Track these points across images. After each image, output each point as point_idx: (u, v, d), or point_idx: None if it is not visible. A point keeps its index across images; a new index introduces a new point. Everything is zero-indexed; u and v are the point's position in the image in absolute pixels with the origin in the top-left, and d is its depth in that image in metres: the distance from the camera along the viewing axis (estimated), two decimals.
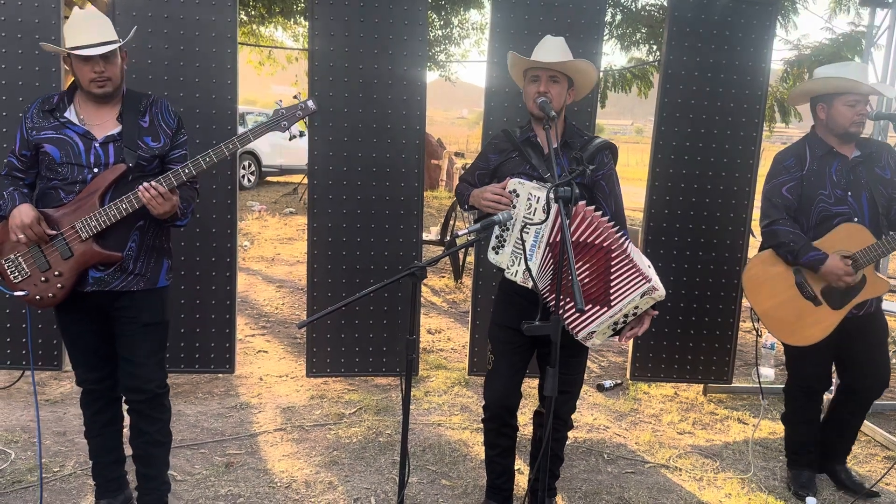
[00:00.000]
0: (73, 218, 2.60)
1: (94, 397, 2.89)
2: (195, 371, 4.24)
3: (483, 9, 12.10)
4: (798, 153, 3.28)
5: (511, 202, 2.67)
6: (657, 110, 4.36)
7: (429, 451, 3.74)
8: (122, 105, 2.71)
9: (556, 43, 2.86)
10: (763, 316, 3.31)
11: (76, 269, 2.63)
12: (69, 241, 2.61)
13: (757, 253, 3.40)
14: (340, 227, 4.18)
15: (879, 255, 3.10)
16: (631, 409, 4.47)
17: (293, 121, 2.73)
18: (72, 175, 2.61)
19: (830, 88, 3.22)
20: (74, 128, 2.64)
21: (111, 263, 2.66)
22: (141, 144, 2.68)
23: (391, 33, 4.07)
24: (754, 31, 4.28)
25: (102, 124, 2.67)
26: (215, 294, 4.13)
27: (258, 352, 5.25)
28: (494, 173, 2.93)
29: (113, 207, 2.58)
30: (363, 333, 4.29)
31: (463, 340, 5.69)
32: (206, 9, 3.88)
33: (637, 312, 2.59)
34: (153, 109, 2.75)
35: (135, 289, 2.73)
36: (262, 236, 9.84)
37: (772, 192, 3.28)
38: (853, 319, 3.21)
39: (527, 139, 2.88)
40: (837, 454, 3.59)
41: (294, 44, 13.38)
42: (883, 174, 3.21)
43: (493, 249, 2.77)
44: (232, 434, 3.86)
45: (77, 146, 2.62)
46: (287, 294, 6.95)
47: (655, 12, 9.92)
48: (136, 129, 2.68)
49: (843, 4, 8.94)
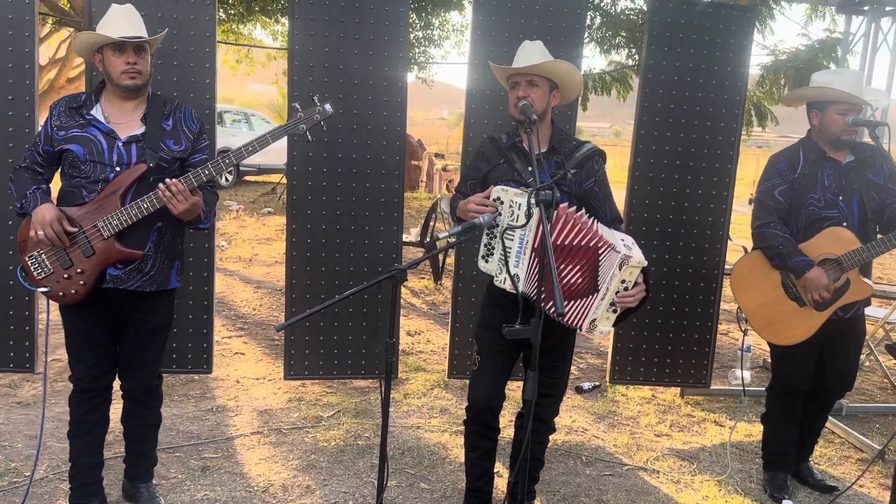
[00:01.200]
0: (95, 216, 2.66)
1: (87, 396, 2.90)
2: (172, 371, 4.18)
3: (463, 10, 12.11)
4: (791, 157, 3.33)
5: (496, 210, 2.68)
6: (637, 114, 4.38)
7: (407, 454, 3.73)
8: (147, 106, 2.79)
9: (533, 47, 2.87)
10: (749, 315, 3.37)
11: (98, 266, 2.69)
12: (91, 240, 2.67)
13: (747, 253, 3.45)
14: (320, 229, 4.15)
15: (864, 259, 3.15)
16: (609, 411, 4.49)
17: (311, 124, 2.76)
18: (94, 173, 2.68)
19: (823, 96, 3.27)
20: (100, 125, 2.71)
21: (131, 262, 2.72)
22: (163, 146, 2.75)
23: (372, 34, 4.05)
24: (733, 37, 4.32)
25: (127, 124, 2.76)
26: (193, 294, 4.07)
27: (235, 353, 5.20)
28: (485, 181, 2.94)
29: (134, 206, 2.64)
30: (342, 336, 4.26)
31: (442, 342, 5.68)
32: (185, 7, 3.83)
33: (628, 286, 2.61)
34: (177, 114, 2.85)
35: (148, 290, 2.80)
36: (239, 236, 9.76)
37: (764, 195, 3.32)
38: (838, 322, 3.27)
39: (513, 144, 2.89)
40: (801, 453, 3.67)
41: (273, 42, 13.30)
42: (876, 179, 3.25)
43: (482, 258, 2.80)
44: (208, 437, 3.81)
45: (101, 144, 2.69)
46: (265, 295, 6.89)
47: (635, 16, 9.99)
48: (159, 132, 2.76)
49: (819, 11, 9.08)
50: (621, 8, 9.95)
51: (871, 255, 3.15)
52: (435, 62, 12.92)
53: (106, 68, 2.72)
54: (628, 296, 2.62)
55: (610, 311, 2.64)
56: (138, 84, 2.72)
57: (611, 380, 4.61)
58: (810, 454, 3.72)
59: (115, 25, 2.69)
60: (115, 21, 2.71)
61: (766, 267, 3.34)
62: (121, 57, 2.67)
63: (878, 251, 3.14)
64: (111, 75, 2.71)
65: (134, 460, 3.12)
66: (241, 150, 2.72)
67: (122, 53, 2.67)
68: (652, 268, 4.41)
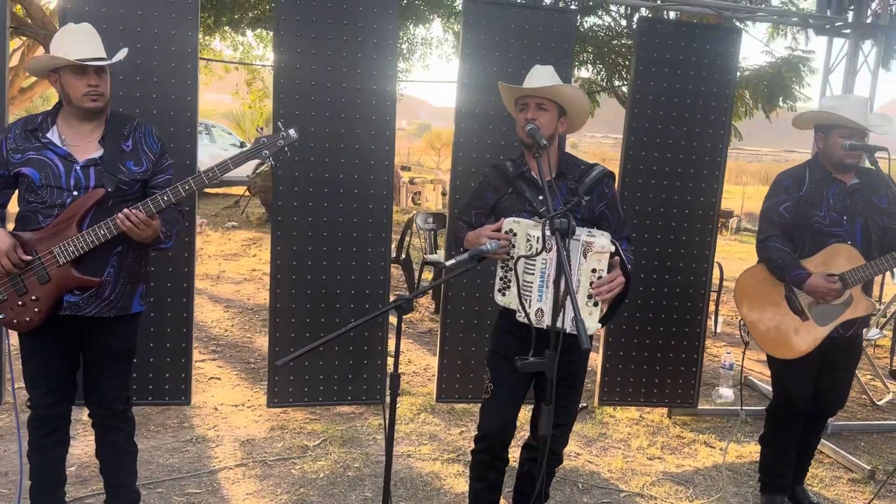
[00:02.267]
0: (51, 243, 2.58)
1: (44, 422, 2.81)
2: (148, 403, 3.99)
3: (429, 25, 12.10)
4: (797, 175, 3.35)
5: (510, 242, 2.60)
6: (625, 133, 4.36)
7: (400, 485, 3.61)
8: (105, 127, 2.69)
9: (544, 71, 2.81)
10: (752, 327, 3.39)
11: (53, 294, 2.60)
12: (47, 266, 2.59)
13: (752, 266, 3.46)
14: (306, 250, 4.01)
15: (867, 276, 3.18)
16: (599, 433, 4.43)
17: (274, 149, 2.68)
18: (51, 198, 2.59)
19: (826, 121, 3.30)
20: (56, 149, 2.62)
21: (88, 288, 2.62)
22: (122, 169, 2.66)
23: (360, 51, 3.94)
24: (719, 57, 4.33)
25: (85, 146, 2.65)
26: (171, 321, 3.89)
27: (210, 378, 5.01)
28: (492, 211, 2.86)
29: (91, 233, 2.55)
30: (327, 361, 4.12)
31: (424, 363, 5.57)
32: (166, 23, 3.68)
33: (601, 275, 2.54)
34: (137, 134, 2.74)
35: (108, 315, 2.70)
36: (204, 252, 9.51)
37: (769, 210, 3.36)
38: (838, 339, 3.28)
39: (521, 174, 2.81)
40: (797, 475, 3.65)
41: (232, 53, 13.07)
42: (879, 203, 3.29)
43: (499, 291, 2.73)
44: (190, 471, 3.63)
45: (57, 168, 2.60)
46: (236, 315, 6.69)
47: (602, 33, 10.09)
48: (118, 153, 2.66)
49: (781, 30, 9.28)
50: (589, 24, 10.03)
51: (875, 272, 3.18)
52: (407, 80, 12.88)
53: (65, 90, 2.61)
54: (603, 284, 2.54)
55: (591, 306, 2.56)
56: (100, 106, 2.63)
57: (600, 401, 4.56)
58: (805, 476, 3.72)
59: (75, 46, 2.57)
60: (74, 41, 2.59)
61: (769, 280, 3.36)
62: (82, 79, 2.58)
63: (882, 268, 3.19)
64: (71, 98, 2.60)
65: (114, 496, 2.97)
66: (200, 177, 2.64)
67: (84, 76, 2.58)
68: (640, 287, 4.41)
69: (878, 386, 5.70)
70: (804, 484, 3.71)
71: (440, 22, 11.04)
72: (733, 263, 9.76)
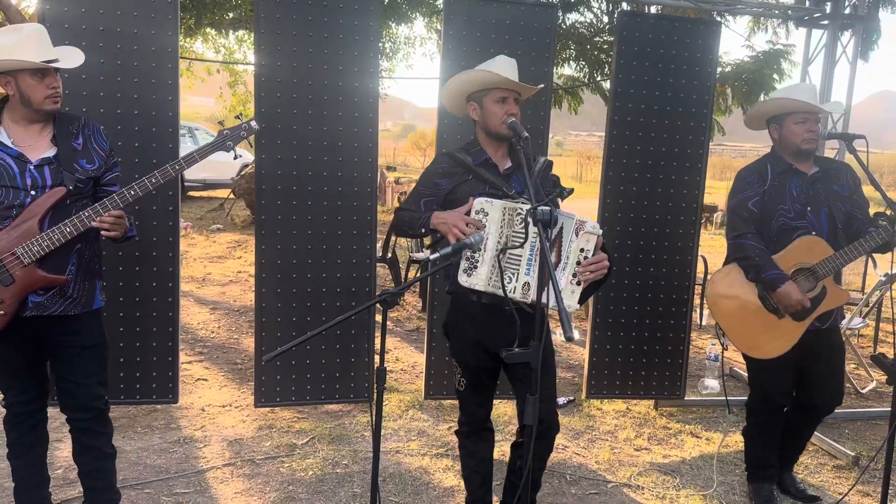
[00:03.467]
0: (13, 243, 2.54)
1: (21, 419, 2.82)
2: (136, 402, 3.97)
3: (412, 24, 12.07)
4: (759, 170, 3.35)
5: (481, 223, 2.60)
6: (608, 128, 4.39)
7: (389, 480, 3.61)
8: (54, 126, 2.67)
9: (512, 63, 2.83)
10: (727, 329, 3.34)
11: (18, 294, 2.57)
12: (9, 268, 2.55)
13: (722, 265, 3.44)
14: (290, 249, 4.00)
15: (838, 265, 3.18)
16: (586, 426, 4.45)
17: (238, 140, 2.76)
18: (7, 199, 2.56)
19: (777, 109, 3.31)
20: (7, 150, 2.59)
21: (52, 287, 2.61)
22: (77, 167, 2.65)
23: (341, 48, 3.94)
24: (699, 51, 4.36)
25: (35, 146, 2.64)
26: (156, 320, 3.88)
27: (197, 380, 4.99)
28: (447, 198, 2.83)
29: (56, 231, 2.54)
30: (314, 359, 4.12)
31: (411, 360, 5.58)
32: (146, 22, 3.66)
33: (587, 255, 2.57)
34: (85, 131, 2.74)
35: (73, 312, 2.71)
36: (189, 255, 9.47)
37: (739, 207, 3.33)
38: (815, 333, 3.27)
39: (483, 161, 2.82)
40: (785, 463, 3.67)
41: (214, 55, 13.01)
42: (841, 191, 3.30)
43: (464, 272, 2.66)
44: (178, 471, 3.62)
45: (11, 169, 2.58)
46: (222, 316, 6.67)
47: (584, 30, 10.12)
48: (72, 152, 2.65)
49: (762, 24, 9.34)
50: (571, 21, 10.06)
51: (845, 261, 3.18)
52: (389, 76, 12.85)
53: (23, 92, 2.57)
54: (589, 265, 2.56)
55: (574, 284, 2.58)
56: (58, 107, 2.65)
57: (587, 395, 4.58)
58: (793, 464, 3.74)
59: (32, 49, 2.55)
60: (32, 43, 2.56)
61: (742, 280, 3.33)
62: (43, 81, 2.57)
63: (851, 257, 3.18)
64: (31, 100, 2.58)
65: (95, 499, 2.95)
66: (166, 168, 2.67)
67: (45, 78, 2.58)
68: (625, 280, 4.44)
69: (861, 375, 5.76)
70: (792, 471, 3.74)
71: (422, 21, 11.03)
72: (718, 257, 9.81)
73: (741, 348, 3.38)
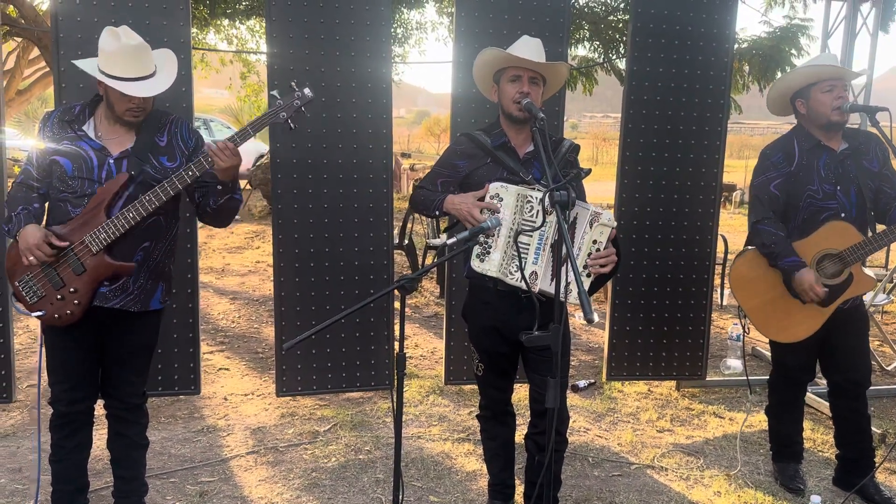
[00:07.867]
0: (82, 232, 2.57)
1: (66, 420, 2.79)
2: (159, 394, 4.01)
3: (423, 9, 11.98)
4: (786, 148, 3.24)
5: (496, 208, 2.58)
6: (624, 108, 4.33)
7: (412, 465, 3.62)
8: (141, 122, 2.68)
9: (537, 44, 2.78)
10: (751, 313, 3.29)
11: (91, 283, 2.60)
12: (80, 257, 2.58)
13: (743, 247, 3.39)
14: (307, 238, 4.01)
15: (867, 253, 3.09)
16: (608, 408, 4.43)
17: (291, 111, 2.67)
18: (82, 189, 2.60)
19: (802, 80, 3.20)
20: (90, 142, 2.64)
21: (120, 276, 2.62)
22: (152, 159, 2.66)
23: (353, 34, 3.92)
24: (716, 26, 4.29)
25: (119, 139, 2.66)
26: (177, 313, 3.90)
27: (219, 370, 5.03)
28: (465, 181, 2.81)
29: (120, 217, 2.55)
30: (335, 348, 4.13)
31: (431, 346, 5.58)
32: (157, 13, 3.66)
33: (599, 247, 2.56)
34: (172, 128, 2.75)
35: (133, 309, 2.71)
36: (208, 246, 9.52)
37: (760, 189, 3.24)
38: (838, 313, 3.20)
39: (501, 144, 2.78)
40: (860, 468, 3.38)
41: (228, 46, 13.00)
42: (871, 167, 3.19)
43: (477, 257, 2.64)
44: (202, 460, 3.65)
45: (91, 161, 2.61)
46: (242, 306, 6.71)
47: (598, 9, 10.00)
48: (150, 145, 2.66)
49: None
50: (584, 1, 9.95)
51: (874, 248, 3.09)
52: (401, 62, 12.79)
53: (109, 99, 2.62)
54: (600, 257, 2.56)
55: (583, 276, 2.56)
56: (140, 119, 2.66)
57: (608, 377, 4.56)
58: (872, 467, 3.37)
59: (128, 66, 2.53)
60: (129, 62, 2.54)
61: (765, 265, 3.26)
62: (126, 96, 2.57)
63: (881, 244, 3.09)
64: (114, 107, 2.61)
65: (123, 488, 2.97)
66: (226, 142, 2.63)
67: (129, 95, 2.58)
68: (644, 262, 4.40)
69: (886, 352, 5.69)
70: (874, 477, 3.38)
71: (434, 5, 10.95)
72: (738, 237, 9.71)
73: (766, 334, 3.34)
